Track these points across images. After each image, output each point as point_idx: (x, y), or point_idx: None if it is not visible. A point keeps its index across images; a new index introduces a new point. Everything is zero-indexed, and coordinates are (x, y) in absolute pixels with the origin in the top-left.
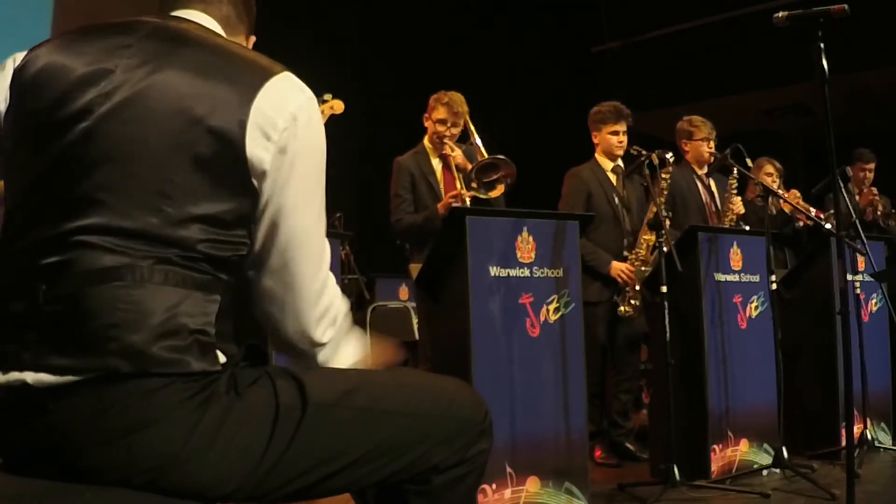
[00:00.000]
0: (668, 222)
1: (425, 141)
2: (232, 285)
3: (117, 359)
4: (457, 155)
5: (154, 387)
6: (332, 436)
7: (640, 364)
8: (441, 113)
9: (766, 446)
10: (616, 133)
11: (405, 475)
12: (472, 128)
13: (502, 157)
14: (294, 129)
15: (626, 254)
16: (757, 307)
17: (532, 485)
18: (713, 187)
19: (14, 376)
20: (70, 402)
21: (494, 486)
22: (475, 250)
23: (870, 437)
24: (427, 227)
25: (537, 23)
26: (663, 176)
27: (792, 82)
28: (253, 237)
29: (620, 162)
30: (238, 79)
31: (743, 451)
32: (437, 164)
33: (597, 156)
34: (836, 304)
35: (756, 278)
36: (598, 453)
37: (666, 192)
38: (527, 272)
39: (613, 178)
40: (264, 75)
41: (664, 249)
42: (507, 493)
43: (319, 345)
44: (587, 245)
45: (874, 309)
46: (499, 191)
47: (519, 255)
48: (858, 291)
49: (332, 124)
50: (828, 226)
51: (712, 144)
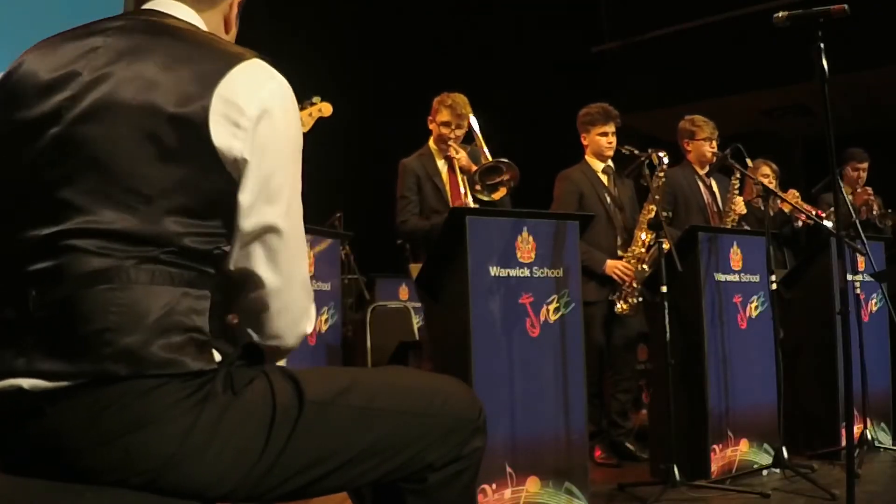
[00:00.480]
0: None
1: (430, 142)
2: (218, 281)
3: (113, 362)
4: (461, 157)
5: (150, 386)
6: (328, 435)
7: (638, 364)
8: (445, 115)
9: (766, 446)
10: (605, 134)
11: (401, 473)
12: (476, 130)
13: (506, 160)
14: (265, 116)
15: (620, 252)
16: (757, 307)
17: (532, 485)
18: (714, 187)
19: (9, 382)
20: (67, 405)
21: (494, 486)
22: (475, 250)
23: (870, 437)
24: (431, 235)
25: (537, 23)
26: (658, 175)
27: (792, 82)
28: (231, 228)
29: (611, 162)
30: (203, 66)
31: (743, 451)
32: (442, 165)
33: (587, 157)
34: (836, 304)
35: (756, 278)
36: (598, 453)
37: (661, 192)
38: (527, 272)
39: (604, 178)
40: (230, 62)
41: (664, 249)
42: (507, 493)
43: (302, 336)
44: (581, 245)
45: (874, 309)
46: (501, 193)
47: (519, 255)
48: (858, 291)
49: (333, 125)
50: (827, 223)
51: (714, 144)
